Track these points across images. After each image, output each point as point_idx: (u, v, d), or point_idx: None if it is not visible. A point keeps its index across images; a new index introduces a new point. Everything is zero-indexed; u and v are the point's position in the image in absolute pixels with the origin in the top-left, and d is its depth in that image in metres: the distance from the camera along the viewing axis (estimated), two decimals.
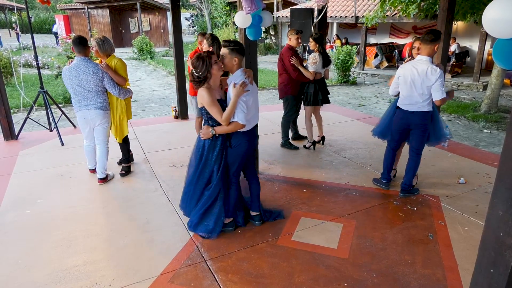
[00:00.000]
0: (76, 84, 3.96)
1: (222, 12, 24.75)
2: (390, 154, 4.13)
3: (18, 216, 3.63)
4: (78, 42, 3.97)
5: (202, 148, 3.19)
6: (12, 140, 5.85)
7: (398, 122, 3.95)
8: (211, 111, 3.00)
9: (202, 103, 3.02)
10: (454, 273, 2.84)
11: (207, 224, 3.23)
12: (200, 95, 3.00)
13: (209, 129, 3.09)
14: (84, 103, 4.04)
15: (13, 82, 10.25)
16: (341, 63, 12.64)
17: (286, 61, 5.04)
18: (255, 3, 3.62)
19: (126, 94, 4.22)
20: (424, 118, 3.79)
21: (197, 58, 2.92)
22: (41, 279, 2.74)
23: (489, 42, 12.97)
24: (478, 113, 8.77)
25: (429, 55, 3.63)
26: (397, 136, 4.02)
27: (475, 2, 7.96)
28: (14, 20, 31.13)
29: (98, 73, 3.96)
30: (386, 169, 4.17)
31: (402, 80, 3.80)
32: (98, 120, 4.13)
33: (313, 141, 5.52)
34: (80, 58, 3.97)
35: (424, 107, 3.74)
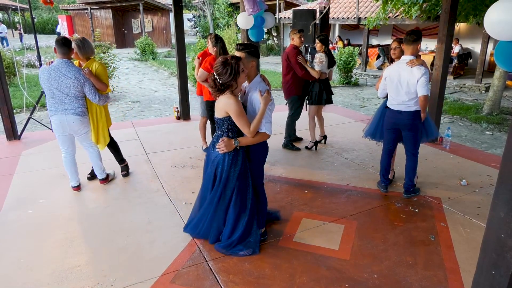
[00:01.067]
0: (55, 87, 3.72)
1: (224, 13, 24.79)
2: (385, 157, 4.15)
3: (20, 215, 3.64)
4: (62, 43, 3.70)
5: (221, 164, 2.88)
6: (15, 140, 5.88)
7: (388, 122, 4.00)
8: (238, 121, 2.74)
9: (227, 112, 2.75)
10: (455, 274, 2.84)
11: (249, 242, 3.02)
12: (227, 104, 2.72)
13: (231, 141, 2.83)
14: (61, 107, 3.79)
15: (16, 82, 10.30)
16: (343, 64, 12.64)
17: (293, 60, 5.04)
18: (257, 4, 3.64)
19: (105, 100, 4.00)
20: (414, 118, 3.83)
21: (223, 64, 2.67)
22: (43, 278, 2.75)
23: (492, 44, 12.96)
24: (480, 115, 8.76)
25: (412, 54, 3.74)
26: (388, 137, 4.06)
27: (477, 4, 7.95)
28: (18, 20, 31.27)
29: (80, 78, 3.72)
30: (382, 173, 4.18)
31: (388, 80, 3.88)
32: (75, 126, 3.88)
33: (315, 141, 5.53)
34: (62, 61, 3.71)
35: (411, 106, 3.79)
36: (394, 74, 3.81)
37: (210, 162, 2.97)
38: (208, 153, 3.03)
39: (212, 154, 2.95)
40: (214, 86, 2.73)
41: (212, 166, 2.94)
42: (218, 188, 2.93)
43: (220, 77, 2.68)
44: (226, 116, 2.78)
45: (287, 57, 5.10)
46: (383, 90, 4.03)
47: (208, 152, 3.04)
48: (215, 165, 2.91)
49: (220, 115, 2.81)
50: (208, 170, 3.01)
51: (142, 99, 10.41)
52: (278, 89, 11.84)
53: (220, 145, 2.84)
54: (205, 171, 3.06)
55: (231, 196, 2.96)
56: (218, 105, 2.80)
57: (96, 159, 4.24)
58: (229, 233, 3.03)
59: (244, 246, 3.02)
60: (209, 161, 3.00)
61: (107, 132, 4.17)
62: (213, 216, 3.04)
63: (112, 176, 4.49)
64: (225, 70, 2.66)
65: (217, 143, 2.88)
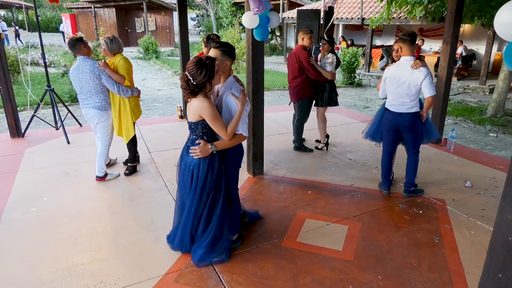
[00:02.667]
0: (78, 84, 4.04)
1: (227, 12, 24.78)
2: (386, 159, 4.12)
3: (24, 213, 3.65)
4: (71, 44, 4.02)
5: (196, 170, 2.75)
6: (19, 137, 5.89)
7: (387, 123, 3.98)
8: (214, 125, 2.64)
9: (200, 116, 2.63)
10: (460, 277, 2.82)
11: (219, 250, 2.92)
12: (200, 107, 2.59)
13: (207, 145, 2.71)
14: (85, 102, 4.10)
15: (20, 80, 10.32)
16: (346, 64, 12.62)
17: (305, 62, 4.97)
18: (263, 4, 3.62)
19: (128, 92, 4.12)
20: (414, 119, 3.81)
21: (197, 64, 2.53)
22: (47, 277, 2.75)
23: (496, 45, 12.91)
24: (485, 117, 8.73)
25: (411, 55, 3.71)
26: (388, 138, 4.03)
27: (483, 5, 7.92)
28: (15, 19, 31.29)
29: (95, 71, 3.95)
30: (384, 175, 4.16)
31: (388, 82, 3.85)
32: (96, 119, 4.16)
33: (326, 142, 5.55)
34: (79, 58, 4.01)
35: (412, 107, 3.77)
36: (394, 76, 3.78)
37: (184, 167, 2.82)
38: (182, 158, 2.87)
39: (187, 158, 2.80)
40: (187, 88, 2.58)
41: (188, 171, 2.79)
42: (194, 194, 2.80)
43: (193, 78, 2.53)
44: (200, 119, 2.65)
45: (299, 59, 5.00)
46: (383, 91, 4.02)
47: (182, 156, 2.88)
48: (191, 170, 2.77)
49: (193, 119, 2.67)
50: (183, 176, 2.85)
51: (145, 98, 10.41)
52: (282, 89, 11.85)
53: (195, 150, 2.71)
54: (181, 177, 2.89)
55: (206, 202, 2.82)
56: (190, 108, 2.66)
57: (100, 156, 4.29)
58: (202, 241, 2.90)
59: (216, 254, 2.90)
60: (183, 166, 2.84)
61: (131, 126, 4.27)
62: (191, 224, 2.88)
63: (113, 177, 4.45)
64: (199, 70, 2.52)
65: (191, 147, 2.76)
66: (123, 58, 4.14)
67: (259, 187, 4.29)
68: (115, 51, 4.14)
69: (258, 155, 4.52)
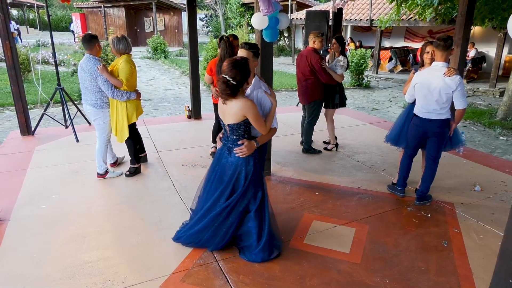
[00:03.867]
0: (80, 80, 4.15)
1: (236, 13, 24.85)
2: (406, 161, 4.03)
3: (33, 210, 3.69)
4: (84, 40, 4.08)
5: (245, 168, 2.81)
6: (29, 135, 5.95)
7: (415, 130, 3.85)
8: (257, 122, 2.73)
9: (244, 116, 2.70)
10: (469, 282, 2.79)
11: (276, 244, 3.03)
12: (245, 107, 2.66)
13: (252, 142, 2.79)
14: (84, 98, 4.20)
15: (31, 78, 10.44)
16: (355, 66, 12.57)
17: (317, 66, 4.94)
18: (272, 5, 3.62)
19: (124, 97, 4.10)
20: (443, 126, 3.69)
21: (235, 65, 2.61)
22: (55, 274, 2.78)
23: (507, 48, 12.77)
24: (494, 120, 8.64)
25: (445, 61, 3.56)
26: (413, 144, 3.94)
27: (494, 7, 7.84)
28: (26, 17, 31.57)
29: (93, 73, 3.99)
30: (402, 177, 4.09)
31: (418, 87, 3.69)
32: (91, 116, 4.25)
33: (336, 143, 5.56)
34: (86, 55, 4.07)
35: (442, 114, 3.65)
36: (424, 81, 3.63)
37: (225, 168, 2.87)
38: (221, 159, 2.92)
39: (230, 159, 2.86)
40: (226, 89, 2.62)
41: (232, 173, 2.83)
42: (238, 194, 2.84)
43: (233, 79, 2.59)
44: (243, 119, 2.72)
45: (310, 62, 4.96)
46: (411, 96, 3.86)
47: (221, 158, 2.92)
48: (237, 170, 2.82)
49: (236, 120, 2.72)
50: (220, 177, 2.89)
51: (153, 97, 10.47)
52: (290, 90, 11.84)
53: (242, 149, 2.77)
54: (218, 179, 2.92)
55: (249, 201, 2.90)
56: (231, 109, 2.69)
57: (98, 154, 4.35)
58: (256, 240, 2.92)
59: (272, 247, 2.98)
60: (224, 167, 2.89)
61: (126, 128, 4.25)
62: (223, 223, 2.91)
63: (115, 175, 4.49)
64: (238, 71, 2.60)
65: (234, 148, 2.82)
66: (126, 60, 4.09)
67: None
68: (122, 52, 4.12)
69: (266, 156, 4.52)
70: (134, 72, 4.19)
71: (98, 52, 4.14)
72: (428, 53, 3.86)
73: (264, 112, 2.92)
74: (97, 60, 4.05)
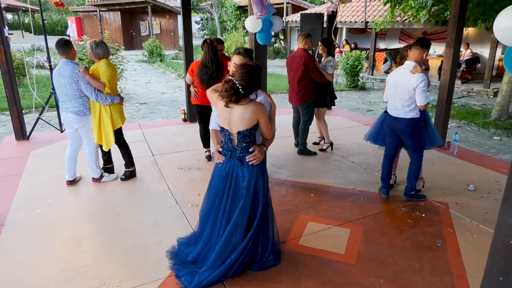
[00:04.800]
0: (57, 87, 3.97)
1: (232, 16, 24.91)
2: (386, 162, 4.09)
3: (28, 215, 3.68)
4: (59, 44, 3.91)
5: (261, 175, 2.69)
6: (24, 140, 5.94)
7: (387, 127, 3.98)
8: (267, 125, 2.62)
9: (257, 120, 2.57)
10: (463, 280, 2.82)
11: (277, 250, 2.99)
12: (258, 111, 2.54)
13: (263, 147, 2.69)
14: (64, 106, 4.02)
15: (26, 83, 10.41)
16: (350, 68, 12.62)
17: (312, 65, 5.01)
18: (265, 8, 3.65)
19: (108, 100, 3.98)
20: (409, 125, 3.74)
21: (250, 74, 2.48)
22: (50, 278, 2.78)
23: (500, 49, 12.87)
24: (488, 120, 8.70)
25: (416, 60, 3.64)
26: (389, 142, 4.02)
27: (486, 9, 7.91)
28: (21, 22, 31.49)
29: (74, 76, 3.86)
30: (383, 178, 4.11)
31: (388, 86, 3.85)
32: (75, 124, 4.06)
33: (330, 142, 5.62)
34: (62, 60, 3.95)
35: (407, 113, 3.71)
36: (393, 80, 3.78)
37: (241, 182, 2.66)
38: (234, 174, 2.68)
39: (244, 170, 2.65)
40: (232, 95, 2.47)
41: (248, 184, 2.64)
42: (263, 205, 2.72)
43: (242, 87, 2.46)
44: (254, 124, 2.58)
45: (305, 62, 4.99)
46: (387, 95, 3.99)
47: (233, 171, 2.68)
48: (254, 179, 2.65)
49: (249, 125, 2.56)
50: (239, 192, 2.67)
51: (149, 100, 10.47)
52: (285, 92, 11.87)
53: (256, 155, 2.63)
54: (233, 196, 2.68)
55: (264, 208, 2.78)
56: (244, 115, 2.52)
57: (89, 160, 4.30)
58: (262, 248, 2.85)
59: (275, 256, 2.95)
60: (238, 181, 2.67)
61: (111, 133, 4.13)
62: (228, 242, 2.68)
63: (110, 179, 4.49)
64: (250, 81, 2.48)
65: (246, 156, 2.64)
66: (106, 64, 4.01)
67: None
68: (100, 56, 4.02)
69: None
70: (115, 75, 4.11)
71: (74, 57, 4.04)
72: (404, 58, 3.92)
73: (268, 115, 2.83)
74: (76, 64, 3.96)
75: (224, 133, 2.69)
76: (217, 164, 2.80)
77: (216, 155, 2.80)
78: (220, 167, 2.75)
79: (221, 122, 2.66)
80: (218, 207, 2.74)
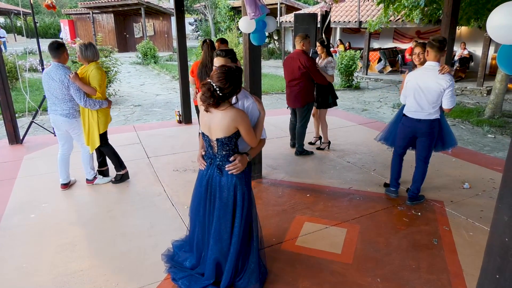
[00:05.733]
0: (47, 89, 3.96)
1: (225, 17, 24.91)
2: (397, 161, 4.05)
3: (22, 220, 3.64)
4: (51, 47, 3.88)
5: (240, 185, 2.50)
6: (17, 144, 5.89)
7: (404, 130, 3.87)
8: (249, 134, 2.43)
9: (236, 127, 2.39)
10: (459, 278, 2.82)
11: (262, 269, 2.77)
12: (237, 118, 2.36)
13: (245, 156, 2.52)
14: (53, 108, 4.01)
15: (18, 86, 10.33)
16: (344, 67, 12.65)
17: (312, 67, 4.99)
18: (259, 8, 3.64)
19: (96, 105, 3.98)
20: (432, 126, 3.71)
21: (228, 75, 2.31)
22: (46, 283, 2.75)
23: (493, 47, 12.97)
24: (482, 118, 8.75)
25: (437, 60, 3.57)
26: (402, 143, 3.96)
27: (479, 8, 7.96)
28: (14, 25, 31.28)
29: (64, 81, 3.86)
30: (394, 177, 4.09)
31: (410, 87, 3.71)
32: (65, 126, 4.07)
33: (328, 141, 5.67)
34: (53, 64, 3.92)
35: (432, 114, 3.67)
36: (416, 81, 3.64)
37: (219, 192, 2.53)
38: (213, 180, 2.56)
39: (222, 179, 2.51)
40: (210, 98, 2.32)
41: (227, 192, 2.51)
42: (241, 215, 2.53)
43: (220, 89, 2.30)
44: (234, 132, 2.41)
45: (305, 65, 4.95)
46: (405, 97, 3.83)
47: (212, 179, 2.56)
48: (232, 189, 2.50)
49: (227, 133, 2.39)
50: (220, 199, 2.53)
51: (143, 103, 10.43)
52: (280, 93, 11.87)
53: (236, 165, 2.47)
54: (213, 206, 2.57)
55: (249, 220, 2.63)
56: (222, 122, 2.37)
57: (84, 161, 4.30)
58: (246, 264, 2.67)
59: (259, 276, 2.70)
60: (216, 191, 2.55)
61: (97, 137, 4.11)
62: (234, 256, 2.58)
63: (104, 182, 4.47)
64: (228, 83, 2.31)
65: (225, 165, 2.50)
66: (96, 68, 3.97)
67: (257, 191, 4.30)
68: (90, 59, 3.99)
69: (257, 159, 4.53)
70: (105, 79, 4.08)
71: (66, 60, 4.00)
72: (416, 54, 3.89)
73: (253, 122, 2.57)
74: (67, 68, 3.94)
75: (205, 139, 2.57)
76: (200, 170, 2.68)
77: (199, 160, 2.68)
78: (201, 173, 2.65)
79: (202, 127, 2.56)
80: (203, 215, 2.67)
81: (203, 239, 2.73)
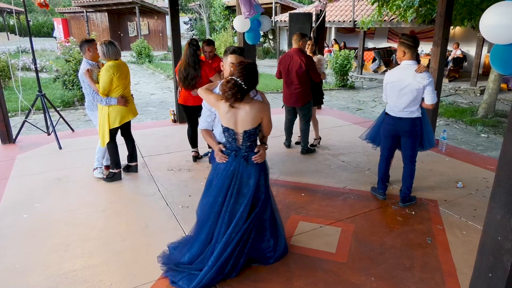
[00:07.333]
0: None
1: (220, 16, 24.84)
2: (383, 163, 4.06)
3: (15, 220, 3.61)
4: (79, 45, 4.35)
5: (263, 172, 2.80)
6: (10, 143, 5.84)
7: (387, 129, 3.89)
8: (270, 123, 2.76)
9: (262, 118, 2.66)
10: (452, 277, 2.84)
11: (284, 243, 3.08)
12: (263, 108, 2.63)
13: (265, 146, 2.82)
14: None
15: (11, 85, 10.25)
16: (339, 67, 12.68)
17: (314, 67, 5.04)
18: (254, 7, 3.64)
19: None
20: (414, 124, 3.73)
21: (249, 69, 2.51)
22: (38, 283, 2.73)
23: (486, 47, 13.06)
24: (476, 118, 8.82)
25: (412, 59, 3.62)
26: (386, 143, 3.96)
27: (472, 8, 8.02)
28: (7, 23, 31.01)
29: (82, 76, 4.18)
30: (381, 179, 4.09)
31: (390, 86, 3.74)
32: (90, 117, 4.55)
33: (319, 137, 5.78)
34: (83, 59, 4.30)
35: (413, 112, 3.69)
36: (396, 80, 3.67)
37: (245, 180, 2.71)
38: (238, 173, 2.71)
39: (248, 169, 2.71)
40: (237, 93, 2.47)
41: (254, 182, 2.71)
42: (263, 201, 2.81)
43: (245, 83, 2.47)
44: (259, 123, 2.68)
45: (306, 63, 4.94)
46: (386, 96, 3.88)
47: (237, 172, 2.71)
48: (258, 175, 2.74)
49: (255, 124, 2.64)
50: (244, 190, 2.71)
51: (138, 102, 10.37)
52: (275, 92, 11.88)
53: (262, 155, 2.74)
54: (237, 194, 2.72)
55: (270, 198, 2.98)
56: (250, 114, 2.58)
57: (98, 149, 4.50)
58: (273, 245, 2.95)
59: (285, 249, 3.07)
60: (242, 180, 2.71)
61: (106, 132, 4.22)
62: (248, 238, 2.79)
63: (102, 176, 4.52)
64: (250, 76, 2.50)
65: (251, 155, 2.71)
66: (106, 67, 4.00)
67: None
68: (112, 58, 4.09)
69: None
70: (113, 79, 4.04)
71: (90, 56, 4.25)
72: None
73: None
74: (88, 64, 4.22)
75: (230, 133, 2.69)
76: (219, 164, 2.77)
77: (218, 155, 2.76)
78: (223, 167, 2.74)
79: (226, 123, 2.66)
80: (220, 207, 2.73)
81: (213, 229, 2.76)
